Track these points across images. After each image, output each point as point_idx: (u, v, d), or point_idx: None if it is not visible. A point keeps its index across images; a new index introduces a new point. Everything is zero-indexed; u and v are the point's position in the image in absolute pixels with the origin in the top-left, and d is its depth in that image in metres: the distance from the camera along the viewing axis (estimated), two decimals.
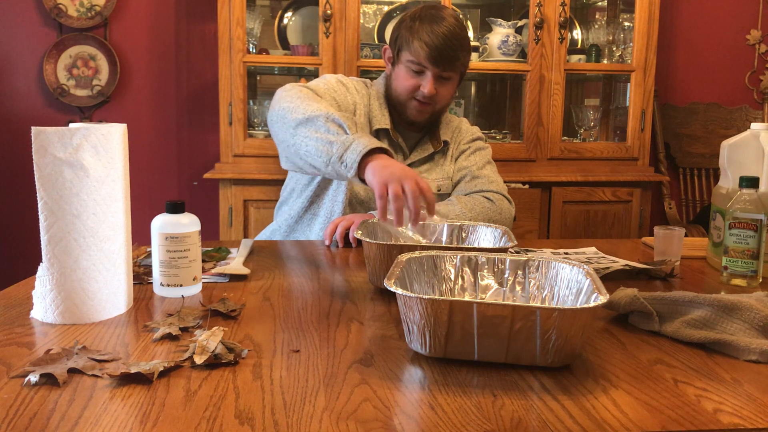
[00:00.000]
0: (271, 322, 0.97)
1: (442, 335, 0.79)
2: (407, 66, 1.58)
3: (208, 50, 2.89)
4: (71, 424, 0.65)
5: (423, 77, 1.57)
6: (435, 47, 1.52)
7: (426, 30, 1.53)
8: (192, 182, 2.97)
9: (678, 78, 3.19)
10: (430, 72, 1.56)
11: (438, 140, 1.69)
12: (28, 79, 2.85)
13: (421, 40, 1.53)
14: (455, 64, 1.57)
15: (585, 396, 0.73)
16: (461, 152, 1.72)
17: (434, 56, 1.53)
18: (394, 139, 1.65)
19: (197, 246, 1.10)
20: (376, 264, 1.11)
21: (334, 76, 1.66)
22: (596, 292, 0.84)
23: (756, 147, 1.32)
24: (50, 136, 0.90)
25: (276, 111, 1.45)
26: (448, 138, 1.70)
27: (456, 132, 1.75)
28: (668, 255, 1.34)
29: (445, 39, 1.52)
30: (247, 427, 0.65)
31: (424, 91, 1.56)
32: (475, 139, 1.75)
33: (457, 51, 1.54)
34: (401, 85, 1.60)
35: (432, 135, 1.70)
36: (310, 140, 1.33)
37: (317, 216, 1.65)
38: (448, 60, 1.54)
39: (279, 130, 1.43)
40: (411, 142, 1.70)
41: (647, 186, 2.75)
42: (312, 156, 1.33)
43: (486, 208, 1.58)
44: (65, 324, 0.94)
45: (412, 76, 1.58)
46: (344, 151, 1.25)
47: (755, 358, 0.84)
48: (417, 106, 1.60)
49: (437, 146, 1.68)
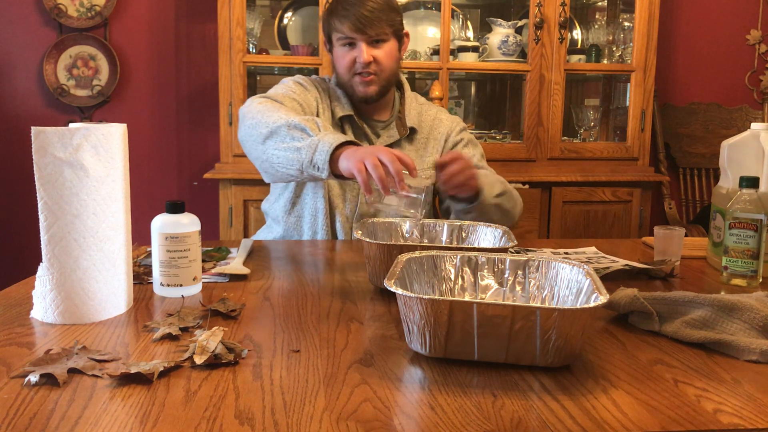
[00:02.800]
0: (271, 322, 0.97)
1: (442, 335, 0.79)
2: (340, 45, 1.60)
3: (208, 50, 2.89)
4: (71, 424, 0.65)
5: (356, 48, 1.58)
6: (354, 17, 1.54)
7: (341, 4, 1.57)
8: (192, 182, 2.97)
9: (678, 78, 3.19)
10: (360, 40, 1.56)
11: (404, 127, 1.67)
12: (28, 79, 2.85)
13: (341, 14, 1.56)
14: (379, 25, 1.56)
15: (585, 396, 0.73)
16: (454, 144, 1.70)
17: (356, 25, 1.54)
18: (359, 125, 1.64)
19: (197, 246, 1.10)
20: (376, 264, 1.11)
21: (291, 79, 1.66)
22: (596, 292, 0.84)
23: (756, 147, 1.32)
24: (50, 136, 0.90)
25: (242, 131, 1.47)
26: (414, 124, 1.68)
27: (436, 123, 1.71)
28: (668, 255, 1.34)
29: (361, 6, 1.54)
30: (247, 427, 0.65)
31: (360, 60, 1.57)
32: (463, 129, 1.74)
33: (375, 12, 1.54)
34: (340, 65, 1.61)
35: (399, 122, 1.68)
36: (279, 152, 1.34)
37: (302, 217, 1.65)
38: (370, 23, 1.54)
39: (250, 149, 1.44)
40: (376, 129, 1.68)
41: (647, 186, 2.75)
42: (285, 167, 1.34)
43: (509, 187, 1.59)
44: (65, 324, 0.94)
45: (346, 52, 1.59)
46: (313, 155, 1.26)
47: (755, 358, 0.84)
48: (360, 79, 1.59)
49: (403, 133, 1.66)
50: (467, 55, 2.69)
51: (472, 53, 2.69)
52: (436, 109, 1.76)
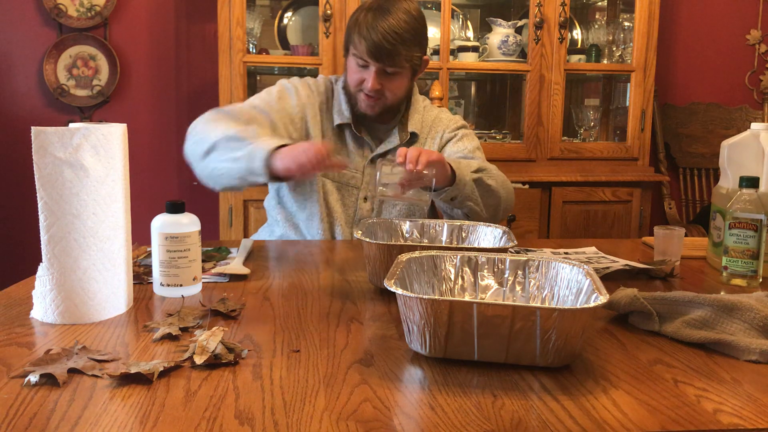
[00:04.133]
0: (271, 322, 0.97)
1: (442, 335, 0.79)
2: (354, 58, 1.54)
3: (208, 50, 2.89)
4: (71, 424, 0.65)
5: (368, 71, 1.53)
6: (372, 42, 1.47)
7: (368, 24, 1.49)
8: (192, 182, 2.97)
9: (678, 78, 3.19)
10: (373, 67, 1.51)
11: (406, 132, 1.64)
12: (28, 79, 2.85)
13: (361, 34, 1.49)
14: (396, 59, 1.50)
15: (585, 396, 0.73)
16: (447, 141, 1.67)
17: (372, 51, 1.48)
18: (357, 134, 1.62)
19: (197, 246, 1.10)
20: (376, 264, 1.11)
21: (280, 85, 1.64)
22: (596, 292, 0.84)
23: (756, 147, 1.32)
24: (50, 136, 0.90)
25: (186, 148, 1.48)
26: (416, 129, 1.65)
27: (435, 123, 1.69)
28: (668, 255, 1.34)
29: (383, 34, 1.46)
30: (247, 427, 0.65)
31: (366, 85, 1.53)
32: (459, 127, 1.70)
33: (396, 46, 1.47)
34: (350, 78, 1.58)
35: (401, 127, 1.65)
36: (219, 164, 1.38)
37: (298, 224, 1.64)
38: (388, 55, 1.48)
39: (194, 164, 1.46)
40: (378, 134, 1.66)
41: (647, 186, 2.75)
42: (227, 177, 1.38)
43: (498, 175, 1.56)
44: (65, 324, 0.94)
45: (358, 69, 1.54)
46: (250, 163, 1.31)
47: (755, 358, 0.84)
48: (365, 99, 1.56)
49: (404, 138, 1.63)
50: (467, 55, 2.69)
51: (472, 53, 2.69)
52: (438, 110, 1.74)
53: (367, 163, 1.63)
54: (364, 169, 1.63)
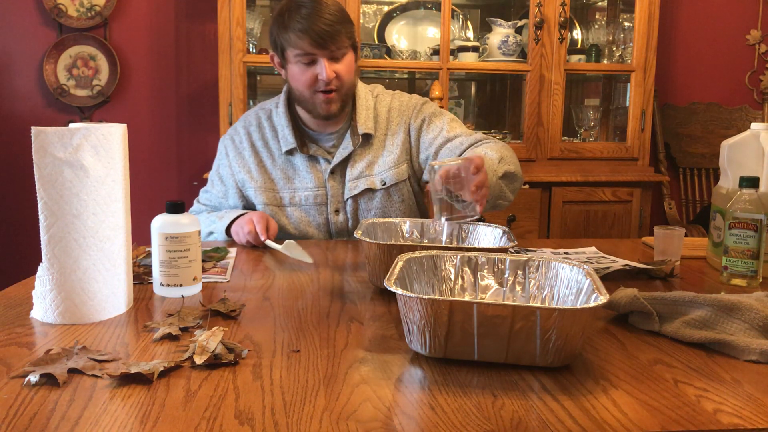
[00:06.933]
0: (271, 322, 0.97)
1: (442, 335, 0.79)
2: (298, 61, 1.52)
3: (208, 50, 2.89)
4: (71, 424, 0.65)
5: (317, 65, 1.51)
6: (314, 32, 1.46)
7: (296, 18, 1.48)
8: (192, 182, 2.97)
9: (678, 78, 3.19)
10: (322, 57, 1.50)
11: (357, 135, 1.61)
12: (28, 79, 2.85)
13: (296, 30, 1.48)
14: (339, 39, 1.49)
15: (585, 396, 0.73)
16: (419, 130, 1.64)
17: (317, 41, 1.47)
18: (305, 155, 1.61)
19: (197, 246, 1.10)
20: (376, 264, 1.11)
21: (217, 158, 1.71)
22: (596, 292, 0.84)
23: (756, 147, 1.31)
24: (50, 136, 0.90)
25: None
26: (369, 129, 1.61)
27: (392, 113, 1.65)
28: (668, 255, 1.34)
29: (318, 19, 1.46)
30: (247, 427, 0.65)
31: (322, 77, 1.50)
32: (420, 109, 1.66)
33: (335, 26, 1.47)
34: (300, 83, 1.54)
35: (352, 131, 1.62)
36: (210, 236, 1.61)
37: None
38: (331, 38, 1.47)
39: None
40: (329, 144, 1.63)
41: (647, 186, 2.75)
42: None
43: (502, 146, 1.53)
44: (65, 324, 0.94)
45: (306, 70, 1.52)
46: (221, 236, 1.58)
47: (755, 358, 0.84)
48: (323, 97, 1.53)
49: (357, 142, 1.61)
50: (467, 55, 2.69)
51: (472, 53, 2.69)
52: (390, 98, 1.68)
53: (326, 177, 1.61)
54: (326, 183, 1.61)
